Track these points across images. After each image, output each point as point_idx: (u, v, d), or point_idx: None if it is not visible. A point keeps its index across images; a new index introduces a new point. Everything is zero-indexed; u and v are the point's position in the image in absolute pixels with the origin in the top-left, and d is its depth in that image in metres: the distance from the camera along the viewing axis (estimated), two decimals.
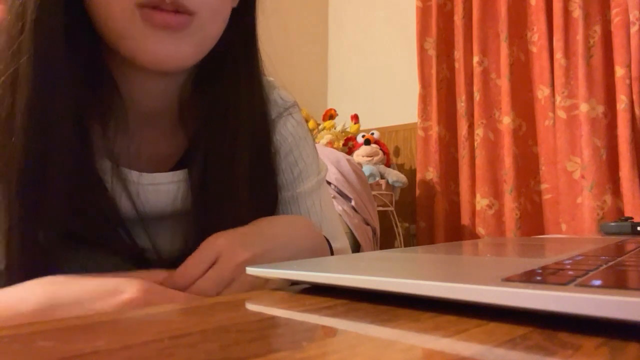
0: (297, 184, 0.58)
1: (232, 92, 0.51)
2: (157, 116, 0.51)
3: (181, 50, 0.43)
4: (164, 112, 0.51)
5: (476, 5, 2.16)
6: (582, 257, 0.30)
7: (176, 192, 0.49)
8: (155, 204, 0.49)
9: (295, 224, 0.48)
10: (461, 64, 2.23)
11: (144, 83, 0.48)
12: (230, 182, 0.49)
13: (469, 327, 0.19)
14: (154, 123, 0.51)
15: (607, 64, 1.84)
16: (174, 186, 0.49)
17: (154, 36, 0.41)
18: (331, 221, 0.61)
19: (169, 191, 0.49)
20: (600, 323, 0.17)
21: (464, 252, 0.39)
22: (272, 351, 0.16)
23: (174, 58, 0.42)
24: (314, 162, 0.61)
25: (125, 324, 0.21)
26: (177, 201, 0.50)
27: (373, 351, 0.16)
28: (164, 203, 0.49)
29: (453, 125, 2.32)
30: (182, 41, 0.42)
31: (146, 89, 0.48)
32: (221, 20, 0.46)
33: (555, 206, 1.96)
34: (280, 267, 0.30)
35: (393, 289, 0.23)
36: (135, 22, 0.40)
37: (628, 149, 1.73)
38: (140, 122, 0.50)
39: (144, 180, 0.48)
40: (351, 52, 2.95)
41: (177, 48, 0.42)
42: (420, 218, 2.34)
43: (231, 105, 0.51)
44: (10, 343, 0.18)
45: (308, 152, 0.60)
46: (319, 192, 0.61)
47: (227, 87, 0.51)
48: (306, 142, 0.60)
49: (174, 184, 0.49)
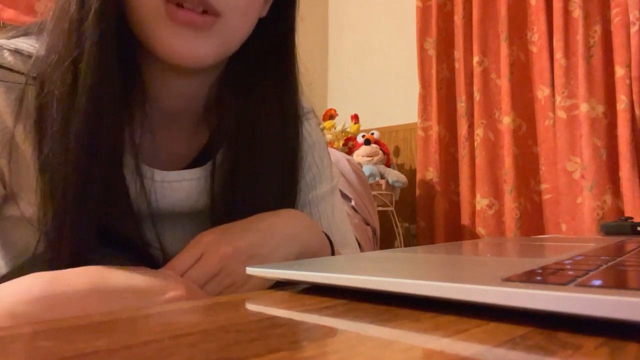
0: (310, 188, 0.58)
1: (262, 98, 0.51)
2: (180, 116, 0.51)
3: (202, 49, 0.43)
4: (187, 113, 0.52)
5: (476, 5, 2.16)
6: (582, 257, 0.30)
7: (190, 190, 0.50)
8: (170, 201, 0.49)
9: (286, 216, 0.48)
10: (461, 64, 2.23)
11: (169, 83, 0.48)
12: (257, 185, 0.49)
13: (469, 327, 0.19)
14: (176, 123, 0.52)
15: (607, 64, 1.84)
16: (188, 184, 0.50)
17: (176, 32, 0.41)
18: (341, 228, 0.61)
19: (183, 189, 0.50)
20: (600, 323, 0.17)
21: (464, 252, 0.39)
22: (272, 351, 0.16)
23: (194, 55, 0.43)
24: (327, 168, 0.61)
25: (125, 324, 0.21)
26: (191, 199, 0.50)
27: (373, 351, 0.16)
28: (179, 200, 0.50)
29: (453, 125, 2.32)
30: (205, 40, 0.43)
31: (171, 89, 0.49)
32: (247, 24, 0.46)
33: (555, 206, 1.96)
34: (280, 267, 0.30)
35: (393, 289, 0.23)
36: (160, 17, 0.41)
37: (628, 149, 1.73)
38: (162, 121, 0.50)
39: (159, 178, 0.48)
40: (351, 52, 2.94)
41: (198, 46, 0.42)
42: (420, 218, 2.34)
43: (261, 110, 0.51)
44: (10, 343, 0.18)
45: (322, 157, 0.60)
46: (331, 199, 0.61)
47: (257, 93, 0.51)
48: (321, 147, 0.61)
49: (188, 182, 0.50)
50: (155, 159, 0.49)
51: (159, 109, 0.49)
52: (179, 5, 0.41)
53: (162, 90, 0.48)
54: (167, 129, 0.51)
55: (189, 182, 0.50)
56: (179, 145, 0.52)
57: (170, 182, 0.49)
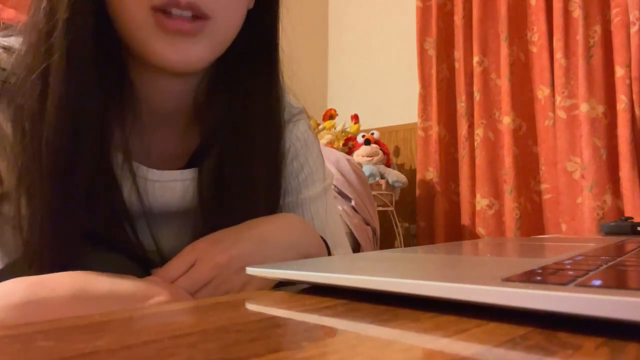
0: (301, 189, 0.58)
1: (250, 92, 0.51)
2: (171, 116, 0.51)
3: (195, 54, 0.43)
4: (178, 113, 0.52)
5: (476, 5, 2.16)
6: (582, 257, 0.30)
7: (184, 190, 0.50)
8: (162, 201, 0.49)
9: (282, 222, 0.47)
10: (461, 64, 2.23)
11: (159, 84, 0.48)
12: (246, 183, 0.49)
13: (469, 327, 0.19)
14: (166, 123, 0.51)
15: (607, 64, 1.84)
16: (181, 184, 0.50)
17: (168, 41, 0.41)
18: (334, 229, 0.61)
19: (176, 189, 0.49)
20: (600, 323, 0.17)
21: (464, 252, 0.39)
22: (272, 351, 0.16)
23: (186, 61, 0.42)
24: (320, 168, 0.61)
25: (125, 324, 0.21)
26: (184, 200, 0.50)
27: (373, 351, 0.16)
28: (171, 201, 0.50)
29: (453, 125, 2.32)
30: (196, 45, 0.42)
31: (161, 90, 0.49)
32: (237, 20, 0.46)
33: (555, 206, 1.96)
34: (280, 267, 0.30)
35: (393, 289, 0.23)
36: (150, 28, 0.41)
37: (628, 149, 1.73)
38: (153, 122, 0.50)
39: (152, 176, 0.48)
40: (351, 52, 2.94)
41: (189, 52, 0.42)
42: (420, 218, 2.34)
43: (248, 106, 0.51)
44: (10, 343, 0.18)
45: (314, 158, 0.60)
46: (324, 199, 0.60)
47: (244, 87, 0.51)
48: (313, 148, 0.60)
49: (181, 182, 0.50)
50: (146, 160, 0.49)
51: (149, 110, 0.49)
52: (167, 13, 0.40)
53: (151, 91, 0.48)
54: (158, 129, 0.51)
55: (182, 183, 0.50)
56: (170, 146, 0.52)
57: (165, 182, 0.49)
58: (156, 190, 0.49)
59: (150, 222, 0.48)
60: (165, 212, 0.50)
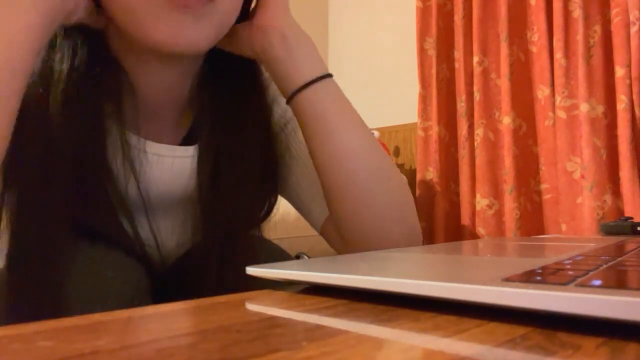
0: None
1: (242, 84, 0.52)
2: (164, 108, 0.52)
3: (198, 33, 0.43)
4: (172, 104, 0.52)
5: (476, 5, 2.16)
6: (582, 257, 0.30)
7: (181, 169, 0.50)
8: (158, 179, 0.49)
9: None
10: (461, 64, 2.23)
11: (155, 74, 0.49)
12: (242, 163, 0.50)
13: (469, 327, 0.19)
14: (160, 115, 0.52)
15: (607, 64, 1.84)
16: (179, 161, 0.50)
17: (176, 19, 0.41)
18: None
19: (173, 165, 0.50)
20: (600, 323, 0.17)
21: (464, 252, 0.39)
22: (272, 351, 0.16)
23: (191, 41, 0.43)
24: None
25: (125, 324, 0.21)
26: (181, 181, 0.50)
27: (373, 351, 0.16)
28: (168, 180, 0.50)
29: (453, 125, 2.32)
30: (201, 24, 0.43)
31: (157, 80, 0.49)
32: (237, 6, 0.47)
33: (555, 206, 1.96)
34: (280, 267, 0.30)
35: (393, 289, 0.23)
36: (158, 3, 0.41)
37: (628, 149, 1.73)
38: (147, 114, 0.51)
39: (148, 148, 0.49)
40: (351, 52, 2.94)
41: (194, 30, 0.43)
42: (420, 218, 2.34)
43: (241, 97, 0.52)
44: (10, 343, 0.18)
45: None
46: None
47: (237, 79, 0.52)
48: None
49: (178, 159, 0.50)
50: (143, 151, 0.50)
51: (143, 102, 0.49)
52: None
53: (145, 82, 0.49)
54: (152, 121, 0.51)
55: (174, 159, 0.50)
56: (163, 137, 0.53)
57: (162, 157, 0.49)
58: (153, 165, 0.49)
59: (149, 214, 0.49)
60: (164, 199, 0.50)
